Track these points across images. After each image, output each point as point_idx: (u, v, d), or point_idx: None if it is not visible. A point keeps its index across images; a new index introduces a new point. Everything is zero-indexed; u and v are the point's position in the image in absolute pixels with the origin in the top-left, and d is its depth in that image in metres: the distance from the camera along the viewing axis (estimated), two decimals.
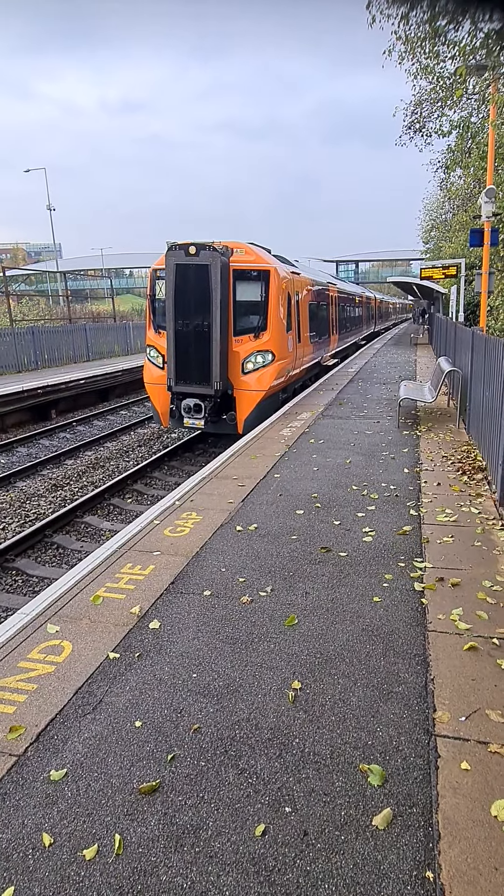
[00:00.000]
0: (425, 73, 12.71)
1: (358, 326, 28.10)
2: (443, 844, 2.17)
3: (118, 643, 3.49)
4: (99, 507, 8.52)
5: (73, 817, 2.32)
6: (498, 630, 3.54)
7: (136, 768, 2.56)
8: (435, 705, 2.90)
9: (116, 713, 2.90)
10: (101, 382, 17.64)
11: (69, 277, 33.74)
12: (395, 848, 2.16)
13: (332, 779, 2.48)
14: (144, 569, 4.48)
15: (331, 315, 18.81)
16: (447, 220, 30.08)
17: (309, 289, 14.55)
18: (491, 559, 4.57)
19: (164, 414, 11.11)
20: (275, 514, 5.60)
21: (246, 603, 3.93)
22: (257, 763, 2.57)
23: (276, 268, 10.95)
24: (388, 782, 2.45)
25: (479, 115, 13.78)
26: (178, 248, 9.93)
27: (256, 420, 10.33)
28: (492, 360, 6.50)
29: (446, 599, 3.94)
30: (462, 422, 9.32)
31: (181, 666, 3.26)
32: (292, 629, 3.60)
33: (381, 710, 2.87)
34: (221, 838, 2.22)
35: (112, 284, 39.33)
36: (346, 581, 4.22)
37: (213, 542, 4.95)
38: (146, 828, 2.27)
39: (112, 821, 2.30)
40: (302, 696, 2.98)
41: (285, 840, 2.20)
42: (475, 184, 17.92)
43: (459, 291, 19.45)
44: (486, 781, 2.45)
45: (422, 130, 17.20)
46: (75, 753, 2.65)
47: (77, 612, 3.87)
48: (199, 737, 2.73)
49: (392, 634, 3.52)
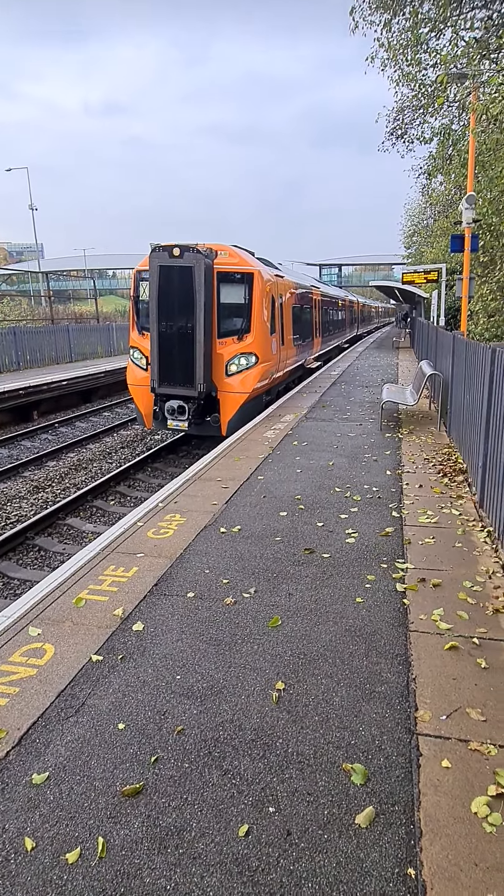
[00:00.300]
0: (407, 81, 12.86)
1: (341, 330, 28.30)
2: (424, 841, 2.19)
3: (101, 645, 3.47)
4: (81, 509, 8.46)
5: (56, 821, 2.31)
6: (478, 630, 3.59)
7: (120, 771, 2.55)
8: (416, 704, 2.93)
9: (99, 716, 2.88)
10: (83, 383, 17.50)
11: (52, 278, 33.43)
12: (377, 846, 2.18)
13: (316, 778, 2.49)
14: (128, 571, 4.46)
15: (314, 318, 18.91)
16: (429, 225, 30.46)
17: (292, 292, 14.62)
18: (471, 560, 4.63)
19: (147, 415, 11.06)
20: (258, 515, 5.61)
21: (230, 604, 3.93)
22: (241, 764, 2.57)
23: (260, 270, 10.98)
24: (371, 781, 2.47)
25: (459, 122, 14.00)
26: (162, 250, 9.92)
27: (240, 422, 10.35)
28: (472, 364, 6.60)
29: (428, 600, 3.99)
30: (443, 424, 9.43)
31: (165, 668, 3.25)
32: (276, 630, 3.61)
33: (364, 710, 2.89)
34: (205, 839, 2.22)
35: (95, 285, 39.08)
36: (330, 582, 4.25)
37: (197, 544, 4.95)
38: (129, 830, 2.26)
39: (95, 824, 2.29)
40: (285, 697, 2.99)
41: (269, 840, 2.21)
42: (456, 190, 18.19)
43: (440, 296, 19.71)
44: (466, 779, 2.48)
45: (404, 137, 17.40)
46: (58, 757, 2.63)
47: (59, 614, 3.84)
48: (183, 738, 2.73)
49: (374, 635, 3.56)
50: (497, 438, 5.04)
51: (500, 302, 13.13)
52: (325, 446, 8.33)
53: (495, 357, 5.24)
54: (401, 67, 12.44)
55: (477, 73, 10.39)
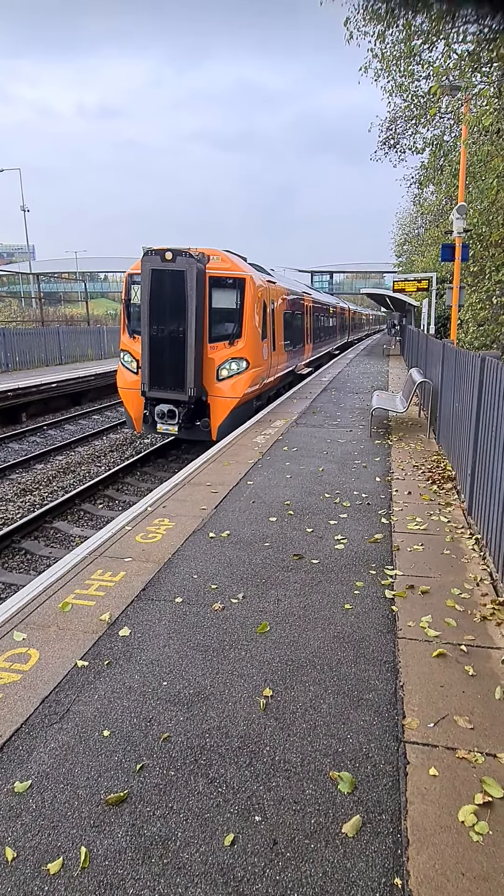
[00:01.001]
0: (400, 91, 12.99)
1: (332, 336, 28.42)
2: (411, 851, 2.18)
3: (87, 651, 3.43)
4: (69, 512, 8.38)
5: (38, 830, 2.26)
6: (466, 637, 3.60)
7: (104, 779, 2.51)
8: (404, 712, 2.92)
9: (84, 722, 2.84)
10: (73, 386, 17.41)
11: (43, 280, 33.27)
12: (364, 855, 2.16)
13: (303, 786, 2.47)
14: (115, 575, 4.42)
15: (305, 324, 18.97)
16: (419, 234, 30.74)
17: (284, 298, 14.66)
18: (459, 567, 4.64)
19: (137, 419, 11.02)
20: (247, 520, 5.59)
21: (218, 610, 3.90)
22: (227, 772, 2.55)
23: (252, 276, 11.00)
24: (358, 789, 2.45)
25: (451, 133, 14.15)
26: (154, 254, 9.91)
27: (230, 427, 10.33)
28: (461, 373, 6.64)
29: (416, 607, 3.99)
30: (432, 432, 9.48)
31: (151, 674, 3.21)
32: (264, 636, 3.59)
33: (352, 717, 2.88)
34: (190, 849, 2.19)
35: (86, 288, 38.96)
36: (318, 588, 4.24)
37: (186, 549, 4.92)
38: (113, 840, 2.22)
39: (78, 833, 2.25)
40: (273, 704, 2.97)
41: (255, 850, 2.19)
42: (447, 200, 18.38)
43: (431, 304, 19.86)
44: (453, 787, 2.47)
45: (396, 147, 17.56)
46: (41, 764, 2.58)
47: (45, 619, 3.79)
48: (169, 746, 2.69)
49: (363, 641, 3.55)
50: (485, 446, 5.07)
51: (489, 311, 13.26)
52: (315, 452, 8.33)
53: (484, 366, 5.28)
54: (394, 78, 12.56)
55: (469, 85, 10.51)
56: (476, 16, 5.29)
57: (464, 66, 10.02)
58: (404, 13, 10.47)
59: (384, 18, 10.91)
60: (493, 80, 10.33)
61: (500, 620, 3.79)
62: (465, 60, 10.02)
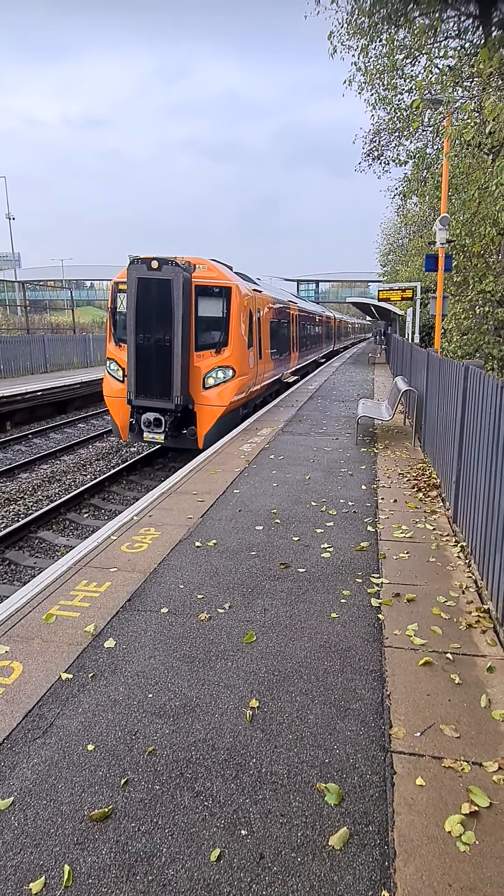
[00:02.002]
0: (384, 104, 13.19)
1: (318, 345, 28.59)
2: (398, 863, 2.17)
3: (71, 663, 3.38)
4: (54, 522, 8.30)
5: (20, 848, 2.22)
6: (452, 645, 3.61)
7: (88, 794, 2.47)
8: (391, 721, 2.92)
9: (68, 737, 2.79)
10: (59, 394, 17.29)
11: (28, 287, 33.05)
12: (351, 868, 2.15)
13: (289, 799, 2.45)
14: (100, 586, 4.38)
15: (291, 333, 19.07)
16: (404, 244, 31.12)
17: (270, 306, 14.73)
18: (445, 574, 4.67)
19: (123, 427, 10.97)
20: (234, 529, 5.58)
21: (204, 620, 3.88)
22: (213, 785, 2.52)
23: (238, 285, 11.05)
24: (345, 801, 2.44)
25: (434, 146, 14.37)
26: (141, 262, 9.91)
27: (217, 435, 10.32)
28: (445, 381, 6.71)
29: (402, 615, 3.99)
30: (418, 439, 9.56)
31: (136, 686, 3.18)
32: (250, 646, 3.57)
33: (339, 728, 2.87)
34: (176, 865, 2.16)
35: (72, 296, 38.80)
36: (305, 597, 4.23)
37: (172, 559, 4.89)
38: (97, 857, 2.18)
39: (61, 851, 2.21)
40: (259, 715, 2.95)
41: (241, 864, 2.16)
42: (430, 211, 18.63)
43: (415, 313, 20.08)
44: (440, 797, 2.47)
45: (380, 158, 17.82)
46: (23, 780, 2.54)
47: (28, 631, 3.74)
48: (154, 759, 2.66)
49: (349, 650, 3.54)
50: (469, 454, 5.11)
51: (472, 321, 13.43)
52: (301, 460, 8.35)
53: (468, 374, 5.34)
54: (377, 91, 12.78)
55: (451, 99, 10.71)
56: (457, 31, 5.38)
57: (445, 80, 10.21)
58: (387, 28, 10.66)
59: (367, 33, 11.12)
60: (473, 94, 10.53)
61: (486, 628, 3.81)
62: (446, 75, 10.21)
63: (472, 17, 5.39)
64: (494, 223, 10.74)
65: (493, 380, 4.33)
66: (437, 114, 12.14)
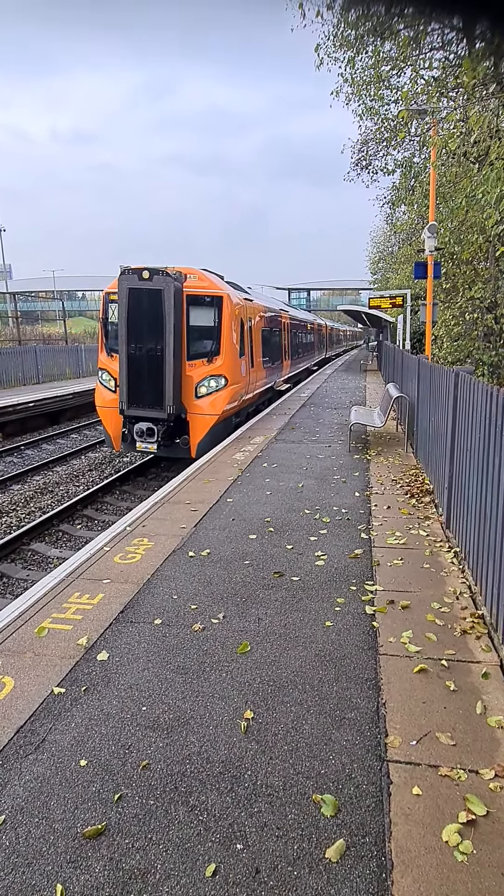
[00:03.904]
0: (371, 115, 13.34)
1: (310, 352, 28.68)
2: (395, 874, 2.15)
3: (64, 677, 3.34)
4: (47, 533, 8.24)
5: (11, 868, 2.18)
6: (447, 651, 3.60)
7: (81, 811, 2.43)
8: (387, 730, 2.90)
9: (60, 752, 2.76)
10: (51, 405, 17.24)
11: (20, 299, 33.06)
12: (347, 881, 2.12)
13: (285, 811, 2.43)
14: (93, 598, 4.34)
15: (283, 341, 19.13)
16: (393, 252, 31.36)
17: (262, 315, 14.78)
18: (439, 581, 4.66)
19: (116, 438, 10.94)
20: (228, 538, 5.56)
21: (198, 631, 3.85)
22: (208, 799, 2.49)
23: (229, 294, 11.08)
24: (342, 812, 2.42)
25: (421, 156, 14.54)
26: (132, 273, 9.93)
27: (210, 444, 10.31)
28: (436, 388, 6.74)
29: (397, 622, 3.98)
30: (410, 446, 9.58)
31: (130, 699, 3.14)
32: (245, 656, 3.55)
33: (334, 737, 2.85)
34: (171, 881, 2.12)
35: (64, 306, 38.82)
36: (299, 606, 4.21)
37: (165, 569, 4.86)
38: (90, 875, 2.15)
39: (54, 870, 2.17)
40: (254, 726, 2.93)
41: (237, 880, 2.13)
42: (419, 219, 18.81)
43: (406, 320, 20.20)
44: (437, 806, 2.45)
45: (368, 168, 17.98)
46: (15, 798, 2.50)
47: (20, 645, 3.70)
48: (148, 773, 2.63)
49: (344, 659, 3.52)
50: (461, 460, 5.13)
51: (462, 327, 13.53)
52: (294, 468, 8.35)
53: (458, 381, 5.37)
54: (364, 102, 12.92)
55: (436, 109, 10.84)
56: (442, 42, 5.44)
57: (430, 91, 10.34)
58: (373, 40, 10.79)
59: (353, 45, 11.25)
60: (458, 104, 10.67)
61: (480, 634, 3.80)
62: (431, 86, 10.35)
63: (456, 30, 5.48)
64: (482, 231, 10.85)
65: (484, 385, 4.35)
66: (424, 124, 12.28)
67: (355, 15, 9.03)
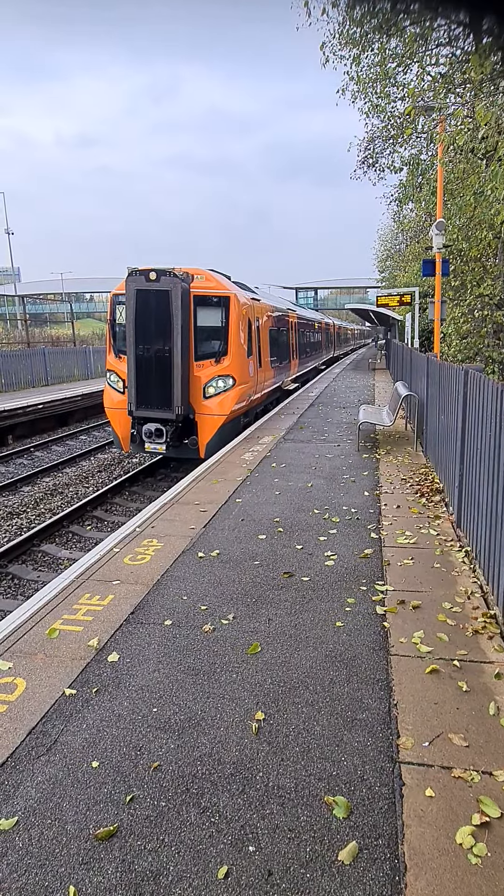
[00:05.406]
0: (377, 112, 13.29)
1: (318, 351, 28.63)
2: (409, 877, 2.13)
3: (75, 678, 3.36)
4: (57, 534, 8.28)
5: (25, 870, 2.19)
6: (458, 652, 3.57)
7: (93, 812, 2.44)
8: (399, 731, 2.88)
9: (72, 754, 2.77)
10: (60, 407, 17.32)
11: (28, 301, 33.27)
12: (360, 883, 2.11)
13: (297, 813, 2.42)
14: (103, 599, 4.35)
15: (291, 340, 19.10)
16: (401, 250, 31.23)
17: (269, 315, 14.77)
18: (450, 580, 4.63)
19: (124, 439, 10.97)
20: (237, 539, 5.55)
21: (208, 632, 3.85)
22: (220, 800, 2.48)
23: (237, 294, 11.08)
24: (354, 814, 2.40)
25: (428, 152, 14.46)
26: (139, 274, 9.96)
27: (218, 444, 10.32)
28: (445, 386, 6.70)
29: (408, 622, 3.96)
30: (419, 445, 9.53)
31: (141, 700, 3.15)
32: (255, 657, 3.54)
33: (346, 739, 2.83)
34: (182, 883, 2.12)
35: (72, 308, 39.01)
36: (309, 606, 4.20)
37: (175, 570, 4.86)
38: (103, 877, 2.15)
39: (66, 871, 2.18)
40: (265, 728, 2.92)
41: (249, 882, 2.13)
42: (426, 217, 18.72)
43: (414, 318, 20.11)
44: (450, 808, 2.43)
45: (375, 165, 17.92)
46: (28, 799, 2.51)
47: (31, 646, 3.71)
48: (160, 775, 2.63)
49: (355, 659, 3.51)
50: (472, 458, 5.09)
51: (471, 324, 13.44)
52: (303, 468, 8.33)
53: (468, 379, 5.33)
54: (370, 100, 12.87)
55: (443, 105, 10.78)
56: (448, 38, 5.42)
57: (437, 87, 10.28)
58: (378, 37, 10.75)
59: (359, 42, 11.21)
60: (465, 100, 10.60)
61: (492, 634, 3.77)
62: (438, 82, 10.28)
63: (463, 26, 5.45)
64: (490, 227, 10.77)
65: (494, 383, 4.32)
66: (431, 120, 12.20)
67: (360, 12, 9.05)
